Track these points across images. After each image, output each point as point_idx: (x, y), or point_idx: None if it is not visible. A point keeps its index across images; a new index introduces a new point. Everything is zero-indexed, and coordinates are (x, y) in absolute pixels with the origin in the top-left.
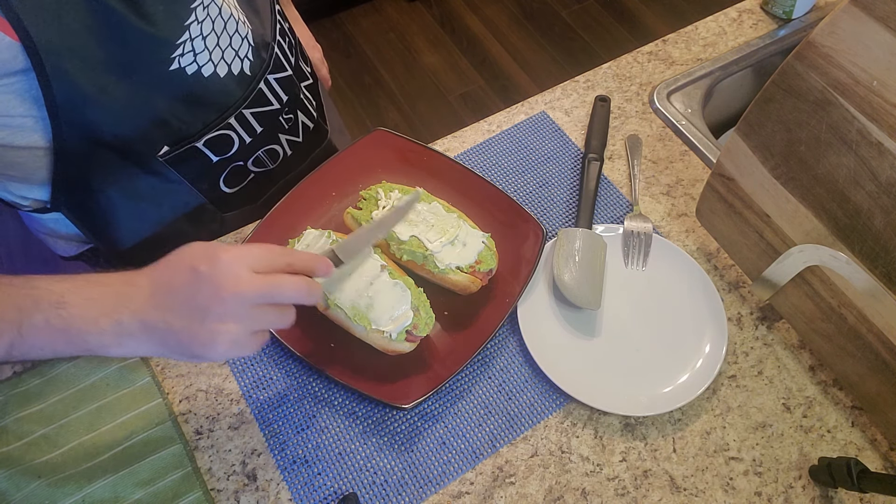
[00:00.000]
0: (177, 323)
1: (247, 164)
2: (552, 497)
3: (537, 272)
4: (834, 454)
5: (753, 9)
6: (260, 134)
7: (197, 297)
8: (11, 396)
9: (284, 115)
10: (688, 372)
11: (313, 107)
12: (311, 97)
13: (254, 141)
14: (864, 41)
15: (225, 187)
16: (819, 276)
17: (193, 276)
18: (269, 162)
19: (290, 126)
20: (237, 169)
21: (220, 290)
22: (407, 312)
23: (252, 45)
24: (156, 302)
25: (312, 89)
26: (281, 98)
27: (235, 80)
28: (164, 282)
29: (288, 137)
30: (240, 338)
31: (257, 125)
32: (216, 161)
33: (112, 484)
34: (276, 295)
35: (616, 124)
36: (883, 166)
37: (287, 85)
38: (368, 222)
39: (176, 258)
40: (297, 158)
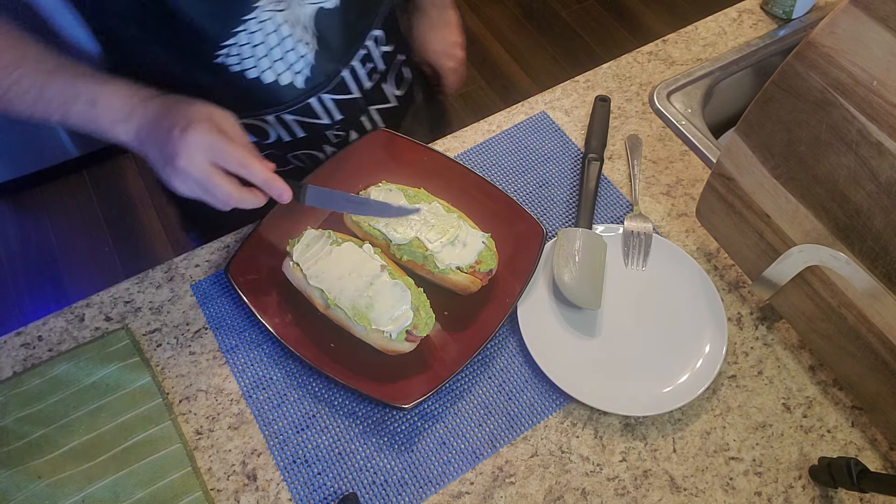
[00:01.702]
0: (151, 153)
1: (285, 155)
2: (552, 497)
3: (537, 272)
4: (834, 454)
5: (753, 9)
6: (302, 139)
7: (163, 148)
8: (11, 396)
9: (334, 131)
10: (688, 372)
11: (376, 128)
12: (383, 119)
13: (293, 142)
14: (864, 41)
15: None
16: (819, 276)
17: (168, 133)
18: (313, 163)
19: (339, 141)
20: (274, 156)
21: (174, 157)
22: (407, 312)
23: (313, 63)
24: (147, 130)
25: (391, 112)
26: (333, 116)
27: (283, 89)
28: (156, 121)
29: (333, 150)
30: (188, 191)
31: (300, 131)
32: (252, 141)
33: (112, 484)
34: (208, 192)
35: (616, 124)
36: (883, 166)
37: (347, 106)
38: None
39: (175, 109)
40: None
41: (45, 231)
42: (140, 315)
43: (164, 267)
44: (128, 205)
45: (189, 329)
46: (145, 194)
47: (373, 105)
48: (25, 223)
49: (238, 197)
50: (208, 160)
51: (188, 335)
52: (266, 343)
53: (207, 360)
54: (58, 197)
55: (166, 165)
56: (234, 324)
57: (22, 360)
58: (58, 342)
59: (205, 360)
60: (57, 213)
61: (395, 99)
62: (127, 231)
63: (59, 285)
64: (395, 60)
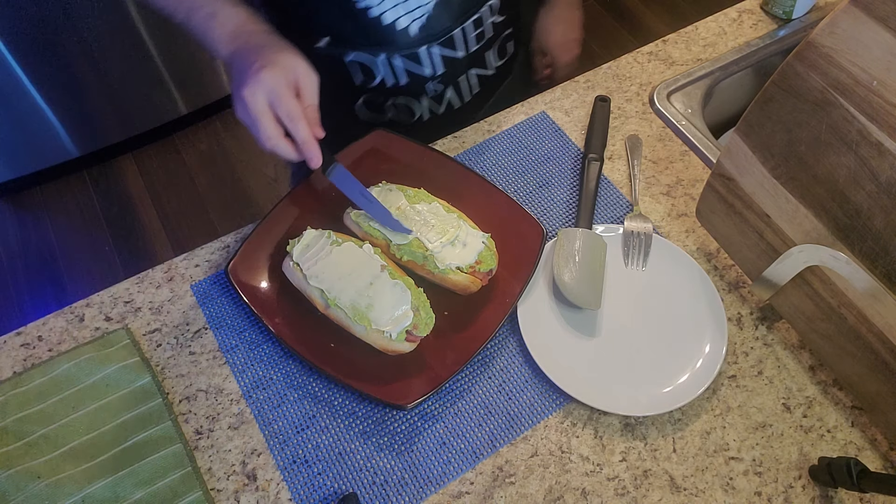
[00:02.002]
0: (234, 75)
1: (384, 103)
2: (552, 497)
3: (537, 272)
4: (834, 454)
5: (753, 9)
6: (403, 86)
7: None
8: (11, 396)
9: (434, 84)
10: (688, 372)
11: (471, 92)
12: (480, 86)
13: (395, 88)
14: (864, 41)
15: (362, 112)
16: (819, 277)
17: (249, 66)
18: (406, 117)
19: (435, 96)
20: (375, 100)
21: (242, 86)
22: (407, 312)
23: (431, 13)
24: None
25: (486, 80)
26: (436, 69)
27: (398, 32)
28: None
29: (430, 105)
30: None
31: (404, 77)
32: (358, 84)
33: (112, 484)
34: (255, 126)
35: (616, 124)
36: (883, 166)
37: (450, 63)
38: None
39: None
40: (432, 125)
41: (45, 231)
42: (140, 315)
43: (164, 267)
44: (128, 204)
45: (189, 329)
46: (145, 194)
47: (473, 68)
48: (25, 223)
49: (275, 142)
50: (266, 100)
51: (188, 335)
52: (266, 343)
53: (207, 360)
54: (58, 196)
55: (236, 89)
56: (234, 324)
57: (22, 360)
58: (58, 342)
59: (205, 360)
60: (57, 213)
61: (494, 68)
62: (127, 231)
63: (59, 285)
64: (503, 32)
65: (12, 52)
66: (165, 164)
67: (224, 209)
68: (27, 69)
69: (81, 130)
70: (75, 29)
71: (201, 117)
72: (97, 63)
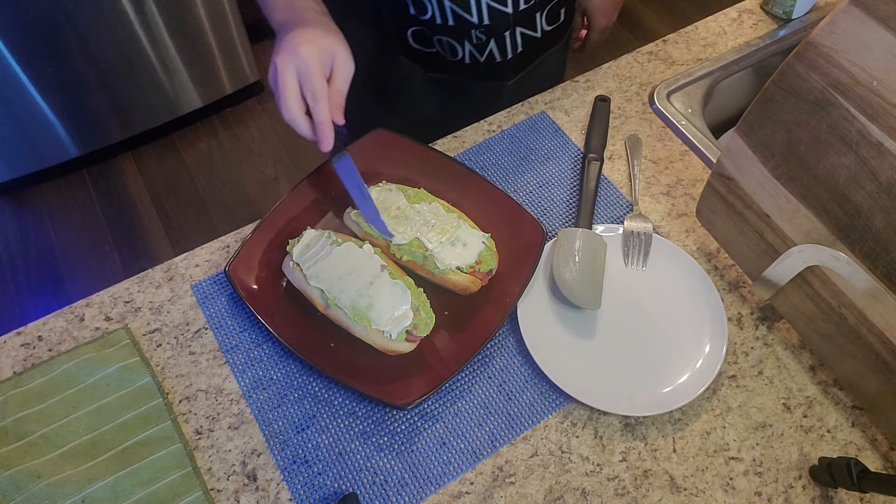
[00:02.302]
0: (276, 45)
1: (432, 37)
2: (552, 497)
3: (537, 272)
4: (834, 454)
5: (753, 9)
6: (450, 26)
7: (281, 43)
8: (11, 396)
9: (477, 32)
10: (688, 372)
11: (515, 51)
12: (522, 44)
13: (444, 26)
14: (864, 41)
15: (413, 42)
16: (819, 276)
17: (292, 38)
18: (449, 54)
19: (478, 45)
20: (423, 33)
21: (278, 54)
22: (407, 312)
23: None
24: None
25: (531, 42)
26: (482, 18)
27: None
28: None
29: (472, 50)
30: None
31: (451, 19)
32: (412, 14)
33: (112, 484)
34: (278, 92)
35: (616, 124)
36: (883, 166)
37: (496, 15)
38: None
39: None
40: (471, 72)
41: (45, 230)
42: (140, 315)
43: (164, 267)
44: (128, 204)
45: (189, 329)
46: (145, 194)
47: (520, 27)
48: (25, 222)
49: (293, 116)
50: (296, 74)
51: (188, 335)
52: (266, 343)
53: (207, 360)
54: (58, 196)
55: (274, 56)
56: (234, 324)
57: (22, 360)
58: (58, 342)
59: (205, 360)
60: (57, 213)
61: (541, 31)
62: (127, 230)
63: (59, 285)
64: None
65: (12, 52)
66: (165, 164)
67: (224, 209)
68: (27, 69)
69: (81, 130)
70: (75, 29)
71: (201, 117)
72: (97, 63)
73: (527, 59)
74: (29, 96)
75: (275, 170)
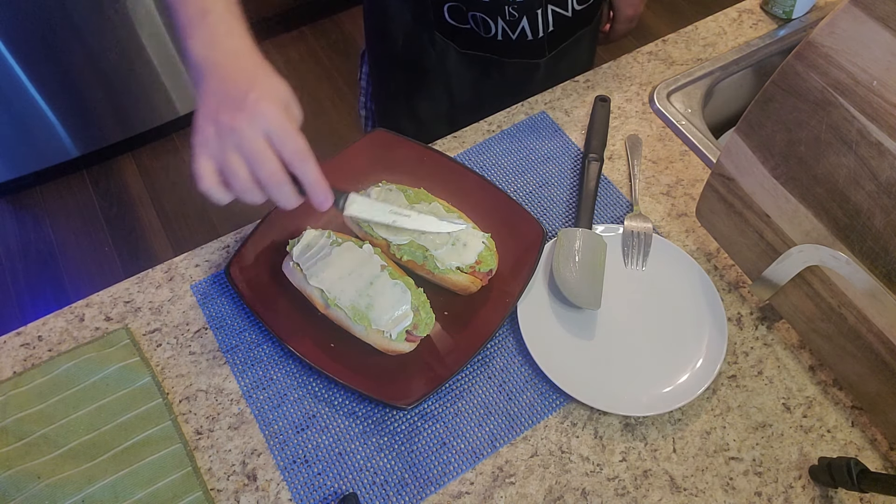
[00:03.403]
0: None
1: (467, 13)
2: (552, 497)
3: (537, 272)
4: (834, 454)
5: (753, 9)
6: (485, 2)
7: (225, 105)
8: (11, 396)
9: (510, 9)
10: (688, 372)
11: (546, 29)
12: (553, 23)
13: (479, 2)
14: (864, 41)
15: (448, 17)
16: (819, 276)
17: (243, 94)
18: (483, 31)
19: (510, 21)
20: (459, 9)
21: (236, 119)
22: (407, 312)
23: None
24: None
25: (562, 21)
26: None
27: None
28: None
29: (504, 27)
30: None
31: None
32: None
33: (112, 484)
34: (255, 164)
35: (616, 124)
36: (883, 166)
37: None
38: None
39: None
40: (504, 49)
41: (44, 231)
42: (140, 315)
43: (164, 267)
44: (128, 204)
45: (189, 329)
46: (145, 194)
47: (551, 5)
48: (25, 223)
49: (282, 188)
50: (265, 136)
51: (188, 335)
52: (266, 343)
53: (207, 360)
54: (58, 196)
55: (216, 117)
56: (234, 324)
57: (22, 360)
58: (58, 342)
59: (205, 360)
60: (57, 213)
61: (572, 11)
62: (127, 231)
63: (59, 285)
64: None
65: (12, 52)
66: (165, 164)
67: (224, 209)
68: (27, 69)
69: (81, 130)
70: (75, 29)
71: None
72: (97, 63)
73: (557, 38)
74: (29, 96)
75: None
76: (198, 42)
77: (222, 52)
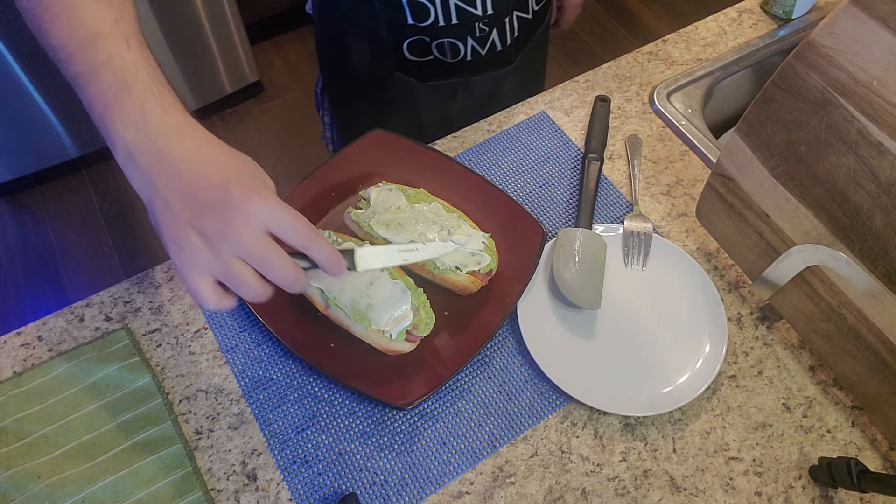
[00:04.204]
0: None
1: (430, 44)
2: (552, 497)
3: (537, 272)
4: (834, 454)
5: (753, 9)
6: (454, 25)
7: (205, 208)
8: (11, 396)
9: (481, 24)
10: (688, 372)
11: (513, 35)
12: (518, 28)
13: (446, 27)
14: (864, 41)
15: (408, 53)
16: (819, 276)
17: (222, 192)
18: (450, 56)
19: (481, 37)
20: (421, 42)
21: (227, 223)
22: (407, 312)
23: None
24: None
25: (525, 24)
26: (486, 8)
27: None
28: (192, 170)
29: (474, 45)
30: (205, 268)
31: (455, 16)
32: (409, 24)
33: (112, 484)
34: (265, 268)
35: (616, 124)
36: (883, 166)
37: (498, 3)
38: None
39: (229, 161)
40: (472, 68)
41: (44, 231)
42: (140, 315)
43: (163, 267)
44: (128, 204)
45: (189, 329)
46: None
47: (517, 11)
48: (25, 223)
49: (300, 276)
50: (267, 230)
51: (188, 335)
52: (266, 343)
53: (207, 360)
54: (57, 197)
55: (195, 227)
56: (234, 324)
57: (22, 360)
58: (58, 342)
59: (205, 360)
60: (57, 213)
61: (532, 12)
62: (127, 231)
63: (59, 285)
64: None
65: (12, 52)
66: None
67: None
68: (27, 69)
69: (81, 130)
70: None
71: (201, 117)
72: None
73: (520, 43)
74: (29, 96)
75: (274, 171)
76: (126, 127)
77: (162, 136)
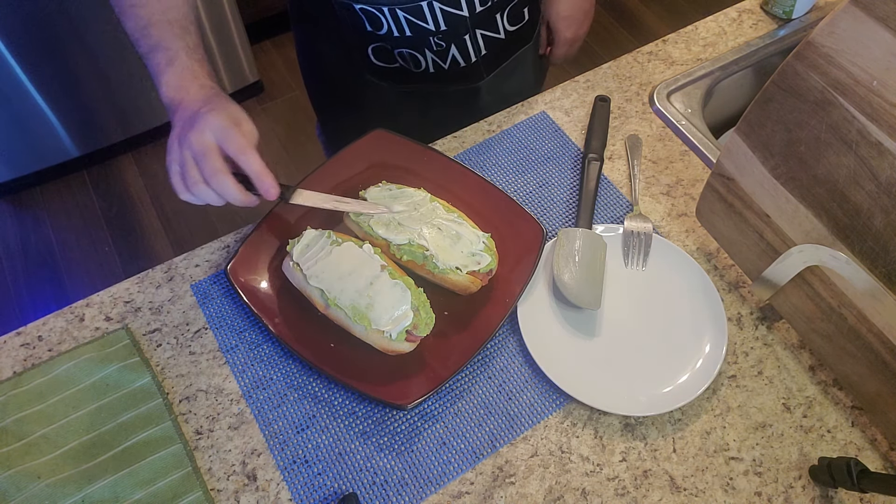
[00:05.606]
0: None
1: (392, 51)
2: (552, 497)
3: (537, 272)
4: (834, 454)
5: (753, 9)
6: (409, 38)
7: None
8: (11, 396)
9: (435, 39)
10: (688, 372)
11: (478, 53)
12: (485, 47)
13: (402, 38)
14: (864, 41)
15: (374, 58)
16: (819, 276)
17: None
18: (413, 66)
19: (439, 52)
20: (384, 48)
21: (187, 129)
22: (407, 312)
23: None
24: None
25: (495, 43)
26: (438, 24)
27: None
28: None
29: (434, 58)
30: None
31: (408, 29)
32: (368, 31)
33: (112, 484)
34: (199, 163)
35: (616, 124)
36: (883, 166)
37: (452, 20)
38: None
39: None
40: (440, 78)
41: (44, 230)
42: (140, 315)
43: (163, 267)
44: (128, 204)
45: (189, 329)
46: (145, 194)
47: (479, 29)
48: (25, 223)
49: (222, 178)
50: (214, 139)
51: (188, 335)
52: (266, 343)
53: (207, 360)
54: (58, 196)
55: (179, 134)
56: (234, 324)
57: (22, 360)
58: (58, 342)
59: (205, 360)
60: (57, 213)
61: (504, 32)
62: (127, 231)
63: (59, 285)
64: (517, 3)
65: (12, 52)
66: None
67: (224, 209)
68: (27, 69)
69: (81, 130)
70: (75, 29)
71: None
72: (97, 63)
73: (494, 60)
74: (29, 96)
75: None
76: (167, 87)
77: (188, 93)
